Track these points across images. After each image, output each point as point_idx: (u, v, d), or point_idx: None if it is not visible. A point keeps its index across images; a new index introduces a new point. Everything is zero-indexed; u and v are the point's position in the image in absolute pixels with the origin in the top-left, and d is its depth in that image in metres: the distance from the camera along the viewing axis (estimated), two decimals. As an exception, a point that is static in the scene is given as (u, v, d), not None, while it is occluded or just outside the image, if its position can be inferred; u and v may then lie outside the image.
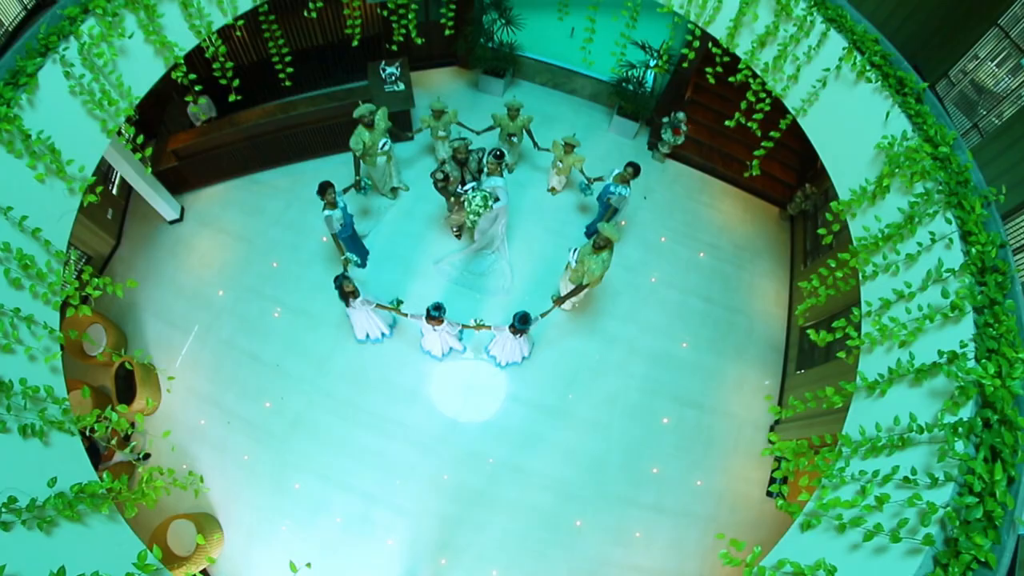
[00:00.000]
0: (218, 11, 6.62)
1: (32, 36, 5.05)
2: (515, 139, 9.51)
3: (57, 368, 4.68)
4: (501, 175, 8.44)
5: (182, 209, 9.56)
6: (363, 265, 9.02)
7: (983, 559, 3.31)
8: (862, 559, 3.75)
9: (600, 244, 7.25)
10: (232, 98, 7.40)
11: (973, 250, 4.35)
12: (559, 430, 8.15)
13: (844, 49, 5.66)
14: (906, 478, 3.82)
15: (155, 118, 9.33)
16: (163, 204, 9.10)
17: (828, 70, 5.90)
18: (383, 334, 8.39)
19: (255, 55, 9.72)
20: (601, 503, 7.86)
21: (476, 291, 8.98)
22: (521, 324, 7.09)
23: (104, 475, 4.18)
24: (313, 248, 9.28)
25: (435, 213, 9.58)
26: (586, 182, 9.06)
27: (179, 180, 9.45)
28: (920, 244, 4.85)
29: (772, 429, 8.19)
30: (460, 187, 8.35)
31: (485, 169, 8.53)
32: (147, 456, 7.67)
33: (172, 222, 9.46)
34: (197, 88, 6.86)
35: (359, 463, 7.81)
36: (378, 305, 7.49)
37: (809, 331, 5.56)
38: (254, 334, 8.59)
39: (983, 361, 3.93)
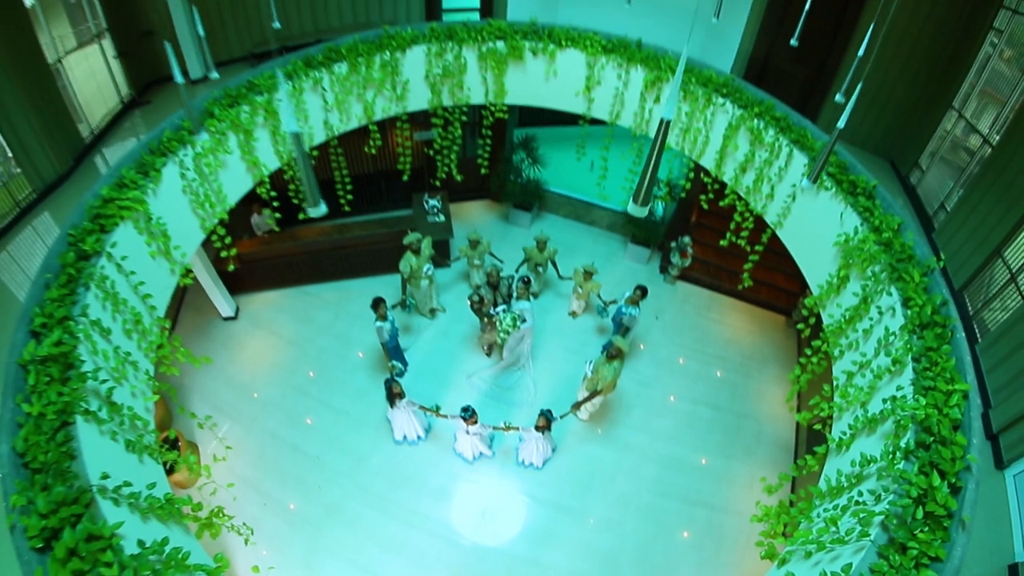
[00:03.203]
0: (299, 141, 8.21)
1: (156, 136, 6.45)
2: (541, 269, 10.81)
3: (150, 408, 5.59)
4: (528, 299, 9.60)
5: (237, 308, 10.73)
6: (403, 373, 9.96)
7: (934, 554, 3.87)
8: (824, 568, 4.29)
9: (612, 354, 8.26)
10: (301, 216, 8.81)
11: (911, 312, 5.19)
12: (575, 528, 8.48)
13: (805, 165, 6.85)
14: (856, 501, 4.48)
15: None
16: (222, 300, 10.23)
17: (795, 186, 7.07)
18: (419, 437, 9.07)
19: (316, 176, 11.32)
20: (614, 597, 8.04)
21: (503, 403, 9.70)
22: (549, 415, 8.07)
23: (187, 497, 4.99)
24: (356, 359, 10.23)
25: (468, 333, 10.64)
26: (602, 305, 10.15)
27: (237, 282, 10.58)
28: (871, 319, 5.71)
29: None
30: (492, 309, 9.52)
31: (515, 294, 9.72)
32: None
33: (226, 319, 10.59)
34: (275, 204, 8.31)
35: (387, 551, 8.12)
36: (421, 407, 8.41)
37: (796, 415, 6.30)
38: (298, 428, 9.28)
39: (918, 397, 4.65)
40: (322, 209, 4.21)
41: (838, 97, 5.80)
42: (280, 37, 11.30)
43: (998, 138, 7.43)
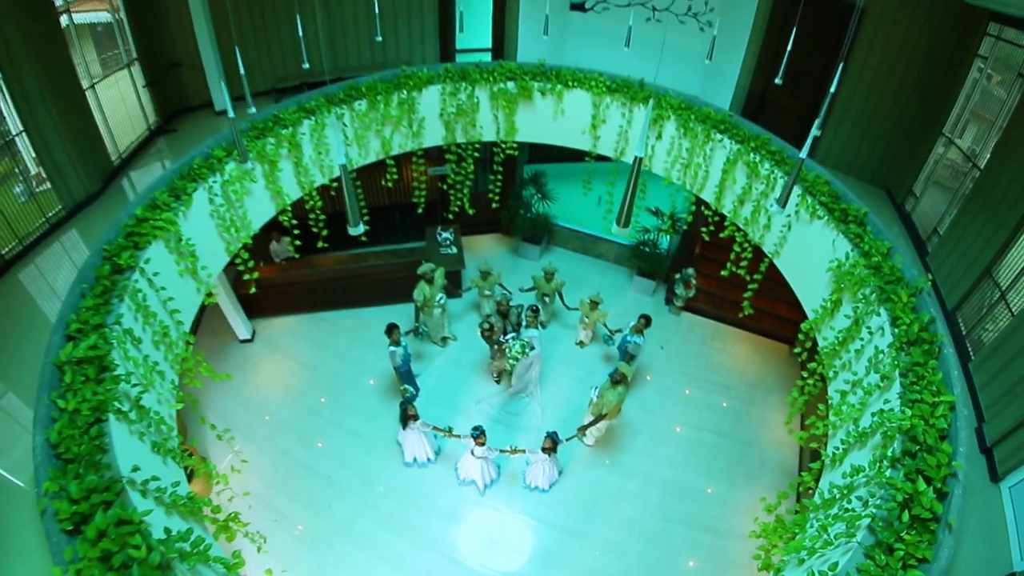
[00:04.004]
0: (319, 173, 8.68)
1: (187, 163, 6.92)
2: (548, 299, 11.17)
3: (173, 415, 5.90)
4: (537, 328, 9.98)
5: (254, 332, 11.10)
6: (415, 397, 10.23)
7: (920, 556, 4.06)
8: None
9: (617, 379, 8.56)
10: (320, 244, 9.21)
11: (898, 330, 5.44)
12: (580, 550, 8.57)
13: (798, 196, 7.18)
14: (845, 509, 4.68)
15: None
16: (240, 323, 10.62)
17: (790, 216, 7.40)
18: (429, 459, 9.30)
19: (331, 207, 11.64)
20: (618, 619, 8.11)
21: (511, 428, 9.92)
22: (555, 437, 8.39)
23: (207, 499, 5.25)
24: (369, 384, 10.55)
25: (478, 361, 10.94)
26: (608, 333, 10.49)
27: (255, 306, 10.98)
28: (862, 339, 5.97)
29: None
30: (502, 336, 9.85)
31: (524, 322, 10.08)
32: None
33: (243, 341, 10.96)
34: (296, 232, 8.72)
35: (395, 570, 8.23)
36: (434, 428, 8.70)
37: (794, 435, 6.51)
38: (310, 448, 9.52)
39: (904, 409, 4.87)
40: (361, 228, 4.60)
41: (815, 131, 6.18)
42: (303, 74, 11.93)
43: (986, 160, 7.74)
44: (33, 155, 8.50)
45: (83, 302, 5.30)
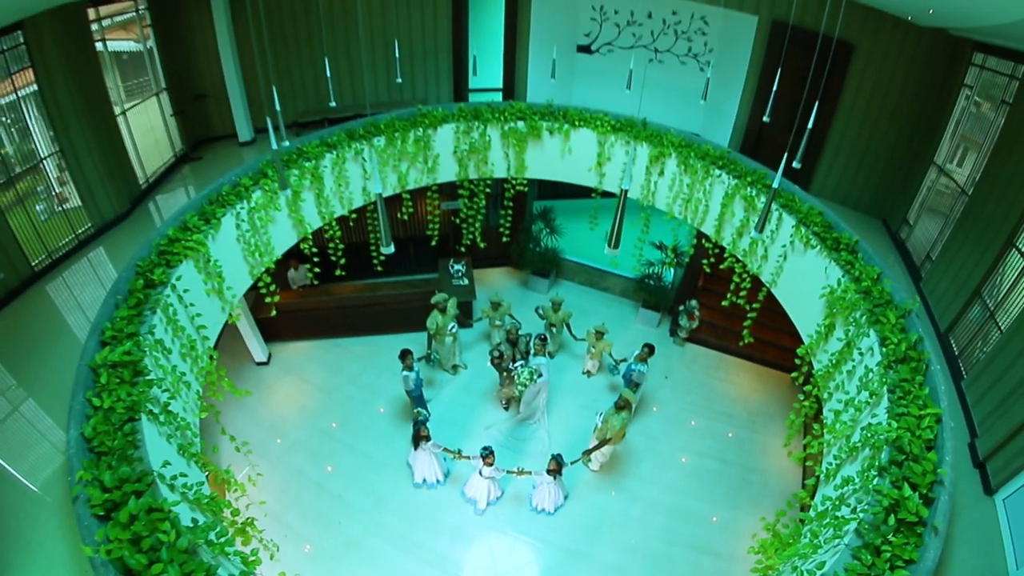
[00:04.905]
0: (339, 205, 9.15)
1: (216, 189, 7.37)
2: (555, 329, 11.49)
3: (197, 423, 6.23)
4: (545, 356, 10.28)
5: (270, 355, 11.46)
6: (427, 420, 10.51)
7: (908, 557, 4.27)
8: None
9: (620, 404, 8.86)
10: (338, 272, 9.59)
11: (886, 349, 5.72)
12: (584, 572, 8.66)
13: (793, 227, 7.54)
14: (835, 517, 4.91)
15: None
16: (256, 346, 10.99)
17: (785, 246, 7.74)
18: (438, 480, 9.53)
19: (350, 238, 11.75)
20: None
21: (518, 453, 10.14)
22: (559, 459, 8.63)
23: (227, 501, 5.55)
24: (381, 409, 10.85)
25: (487, 389, 11.23)
26: (613, 363, 10.77)
27: (272, 330, 11.39)
28: (854, 360, 6.24)
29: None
30: (511, 364, 10.17)
31: (532, 350, 10.41)
32: None
33: (259, 364, 11.31)
34: (315, 259, 9.14)
35: (403, 587, 8.41)
36: (445, 449, 8.97)
37: (791, 456, 6.74)
38: (322, 468, 9.75)
39: (891, 422, 5.13)
40: (392, 248, 4.94)
41: (796, 164, 6.54)
42: (323, 110, 12.56)
43: (973, 187, 8.07)
44: (56, 175, 9.00)
45: (117, 312, 5.69)
